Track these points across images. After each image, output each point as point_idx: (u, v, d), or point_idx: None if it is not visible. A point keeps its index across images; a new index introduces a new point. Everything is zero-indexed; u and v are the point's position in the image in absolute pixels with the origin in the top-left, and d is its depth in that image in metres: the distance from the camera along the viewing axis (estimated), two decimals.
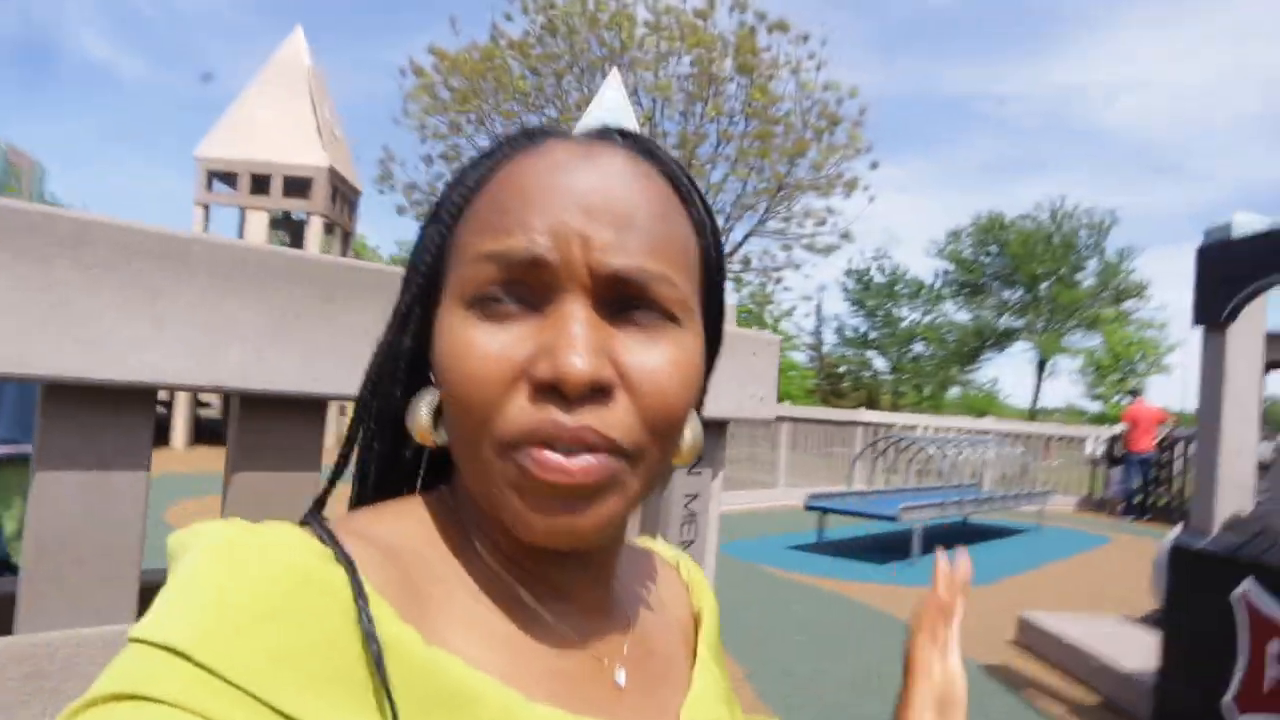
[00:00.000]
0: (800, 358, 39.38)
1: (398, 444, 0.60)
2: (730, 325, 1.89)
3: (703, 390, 0.62)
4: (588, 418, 0.48)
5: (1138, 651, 4.65)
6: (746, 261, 23.93)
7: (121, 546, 1.04)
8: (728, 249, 22.67)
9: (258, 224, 14.30)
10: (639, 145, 0.56)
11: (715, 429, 1.86)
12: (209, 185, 14.55)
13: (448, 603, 0.51)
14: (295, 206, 14.61)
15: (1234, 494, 3.73)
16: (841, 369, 40.98)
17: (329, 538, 0.48)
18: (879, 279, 40.38)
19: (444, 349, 0.51)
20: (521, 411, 0.48)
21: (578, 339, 0.48)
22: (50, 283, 0.97)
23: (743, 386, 1.83)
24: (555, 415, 0.48)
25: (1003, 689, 4.67)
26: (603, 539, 0.52)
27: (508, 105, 20.72)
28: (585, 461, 0.48)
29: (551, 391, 0.48)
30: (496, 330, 0.50)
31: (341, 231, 15.43)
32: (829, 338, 41.85)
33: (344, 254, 15.69)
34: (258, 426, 1.14)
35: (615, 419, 0.49)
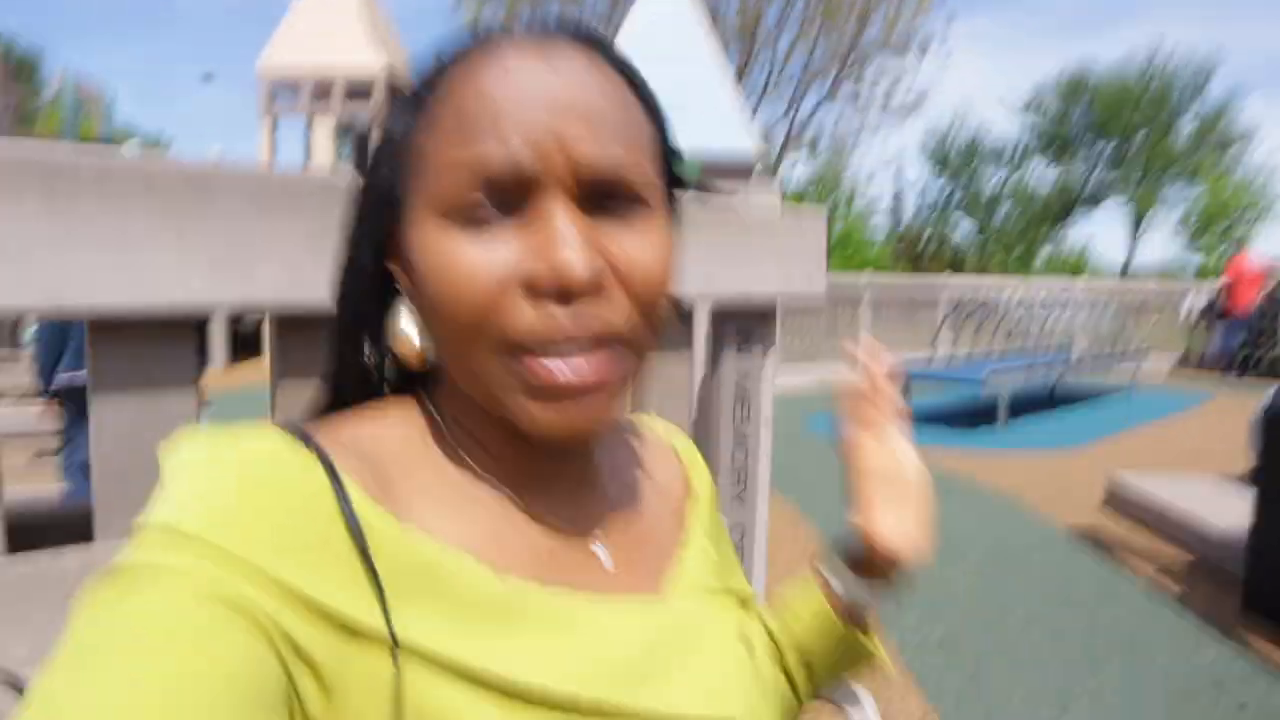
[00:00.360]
0: (880, 226, 38.46)
1: (372, 356, 0.61)
2: (772, 206, 1.85)
3: None
4: (588, 313, 0.50)
5: (1232, 510, 4.56)
6: (817, 136, 23.19)
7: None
8: (798, 123, 21.98)
9: (323, 134, 14.41)
10: (588, 39, 0.56)
11: (762, 306, 1.84)
12: (273, 98, 14.64)
13: (422, 492, 0.54)
14: (358, 110, 14.64)
15: None
16: (924, 236, 39.91)
17: (300, 432, 0.51)
18: (960, 140, 38.80)
19: (426, 263, 0.51)
20: (522, 315, 0.49)
21: (569, 238, 0.49)
22: (78, 219, 1.00)
23: (787, 265, 1.79)
24: (557, 316, 0.49)
25: (1091, 551, 4.65)
26: (609, 425, 0.55)
27: None
28: (593, 362, 0.51)
29: (549, 292, 0.49)
30: (480, 238, 0.50)
31: None
32: (910, 205, 40.65)
33: None
34: (297, 342, 1.17)
35: (613, 310, 0.51)
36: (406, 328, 0.57)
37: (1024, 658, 3.33)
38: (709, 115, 10.41)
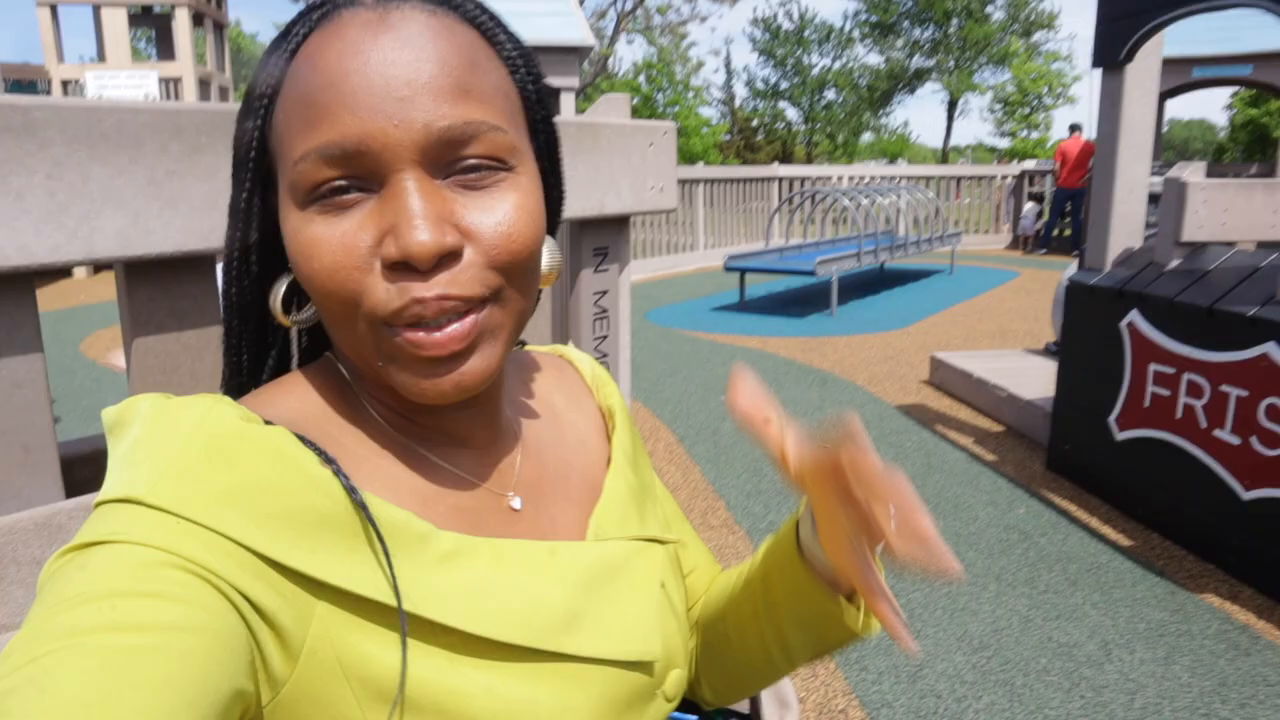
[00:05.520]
0: (712, 113, 38.68)
1: (264, 328, 0.63)
2: (623, 118, 1.86)
3: (554, 219, 0.66)
4: (443, 283, 0.51)
5: (1037, 381, 5.01)
6: (648, 16, 22.85)
7: (32, 427, 1.04)
8: (631, 3, 21.58)
9: (116, 21, 13.06)
10: None
11: (617, 223, 1.86)
12: None
13: (352, 457, 0.56)
14: None
15: (1126, 230, 3.90)
16: (754, 122, 40.44)
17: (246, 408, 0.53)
18: (787, 26, 39.13)
19: (294, 249, 0.53)
20: (384, 293, 0.51)
21: (417, 214, 0.50)
22: None
23: (641, 179, 1.82)
24: (414, 291, 0.50)
25: (916, 425, 5.02)
26: (488, 383, 0.56)
27: None
28: (453, 328, 0.52)
29: (405, 267, 0.50)
30: (338, 221, 0.51)
31: (213, 23, 14.22)
32: (740, 91, 40.98)
33: (220, 48, 14.56)
34: (148, 292, 1.11)
35: (468, 277, 0.52)
36: (277, 302, 0.59)
37: None
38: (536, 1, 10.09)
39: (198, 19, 13.58)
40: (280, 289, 0.59)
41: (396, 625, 0.51)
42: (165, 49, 14.17)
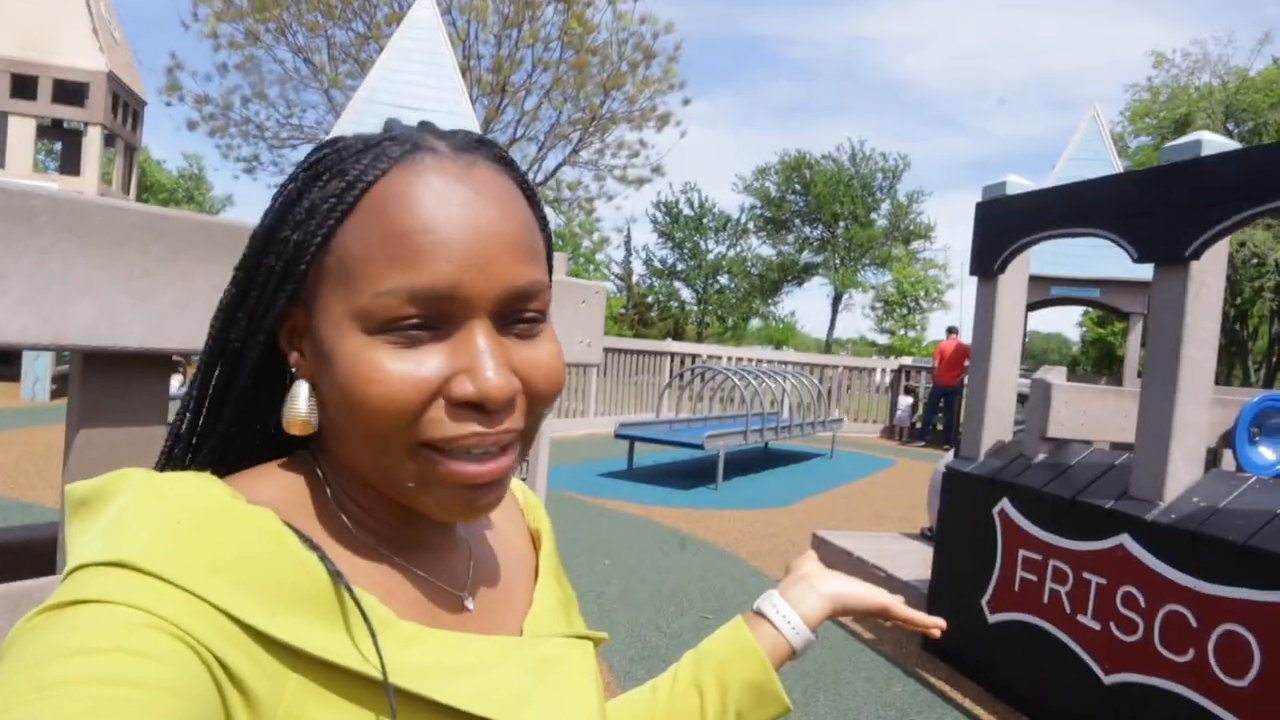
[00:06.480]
0: (610, 287, 39.90)
1: (242, 425, 0.64)
2: (560, 274, 1.98)
3: None
4: (501, 422, 0.56)
5: (914, 563, 5.19)
6: (559, 190, 23.84)
7: None
8: (541, 177, 22.52)
9: (23, 132, 12.90)
10: (497, 155, 0.61)
11: None
12: None
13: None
14: (69, 115, 13.26)
15: (998, 423, 4.20)
16: (650, 299, 41.85)
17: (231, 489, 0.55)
18: (687, 212, 41.27)
19: (352, 371, 0.54)
20: (441, 423, 0.54)
21: (491, 361, 0.54)
22: None
23: (571, 333, 1.92)
24: (475, 427, 0.55)
25: None
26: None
27: (311, 16, 19.43)
28: (497, 462, 0.57)
29: (474, 406, 0.55)
30: (408, 355, 0.54)
31: (124, 145, 14.16)
32: (638, 268, 42.57)
33: (128, 169, 14.45)
34: (103, 384, 1.13)
35: (518, 415, 0.58)
36: (303, 408, 0.60)
37: None
38: None
39: (110, 139, 13.52)
40: (304, 396, 0.59)
41: (366, 700, 0.54)
42: (70, 163, 14.01)
